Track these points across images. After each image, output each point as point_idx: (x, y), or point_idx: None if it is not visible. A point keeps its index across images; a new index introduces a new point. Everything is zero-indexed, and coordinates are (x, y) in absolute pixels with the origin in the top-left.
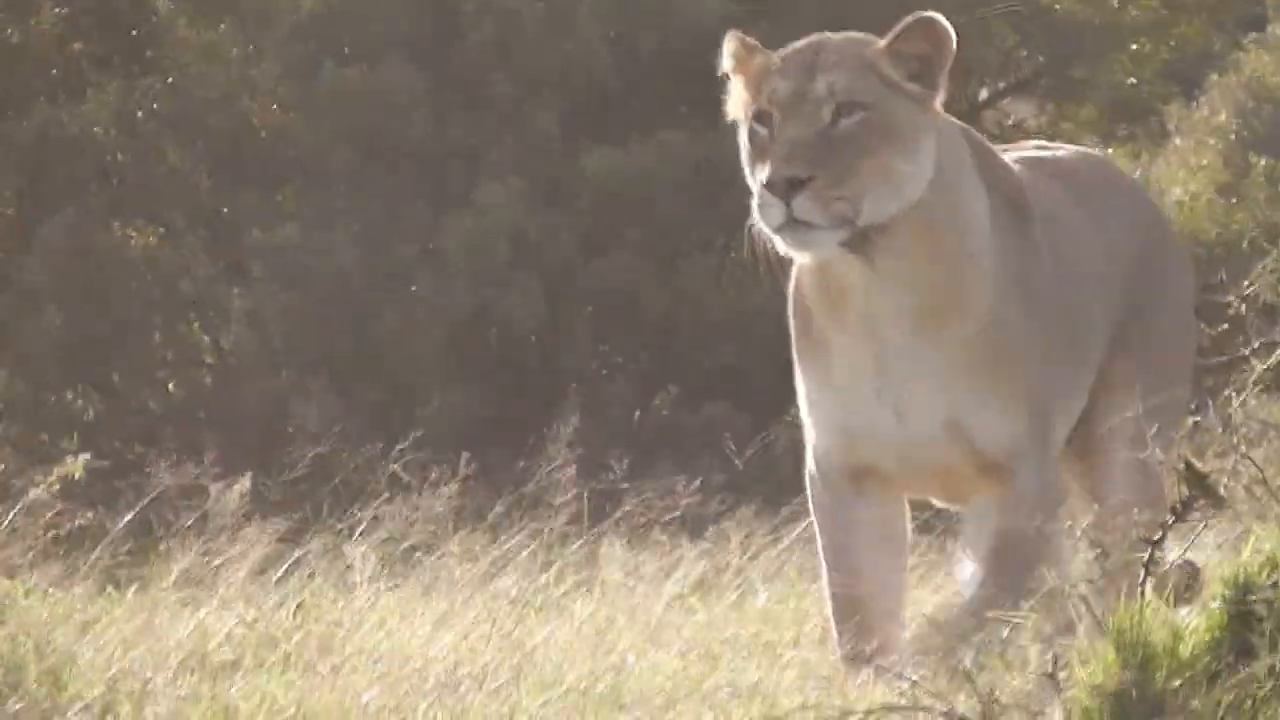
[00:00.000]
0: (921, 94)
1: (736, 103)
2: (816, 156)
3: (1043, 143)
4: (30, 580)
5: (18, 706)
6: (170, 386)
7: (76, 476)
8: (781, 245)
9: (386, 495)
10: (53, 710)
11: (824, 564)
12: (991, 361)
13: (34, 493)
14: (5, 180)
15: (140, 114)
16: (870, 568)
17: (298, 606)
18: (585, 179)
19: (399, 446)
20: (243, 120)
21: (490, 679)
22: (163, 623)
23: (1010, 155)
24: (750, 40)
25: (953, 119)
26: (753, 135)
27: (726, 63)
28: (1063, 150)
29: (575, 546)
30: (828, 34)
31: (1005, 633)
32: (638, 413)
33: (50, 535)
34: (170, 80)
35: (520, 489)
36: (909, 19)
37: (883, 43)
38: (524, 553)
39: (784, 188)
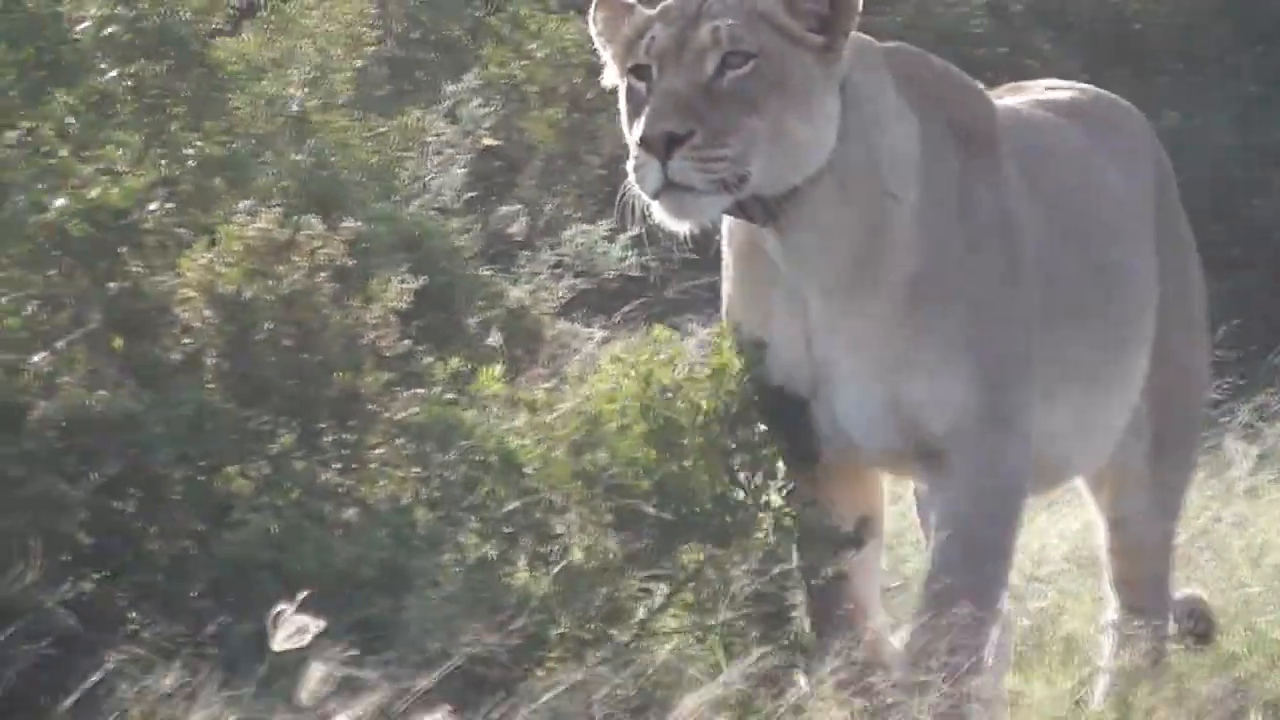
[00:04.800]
0: (820, 43)
1: (611, 66)
2: (696, 110)
3: (1054, 82)
4: None
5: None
6: None
7: None
8: (658, 213)
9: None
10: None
11: None
12: (921, 315)
13: None
14: None
15: (1018, 6)
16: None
17: None
18: None
19: None
20: (1113, 9)
21: None
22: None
23: (1018, 97)
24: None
25: (874, 41)
26: (630, 92)
27: (594, 29)
28: (1072, 90)
29: None
30: None
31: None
32: None
33: None
34: None
35: None
36: None
37: None
38: None
39: (660, 144)
